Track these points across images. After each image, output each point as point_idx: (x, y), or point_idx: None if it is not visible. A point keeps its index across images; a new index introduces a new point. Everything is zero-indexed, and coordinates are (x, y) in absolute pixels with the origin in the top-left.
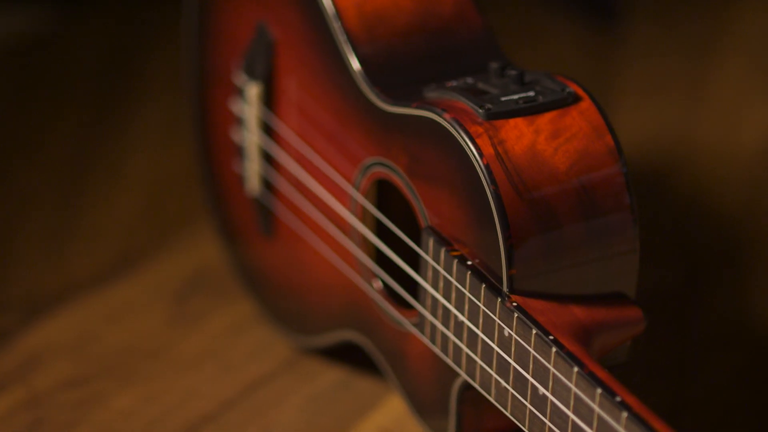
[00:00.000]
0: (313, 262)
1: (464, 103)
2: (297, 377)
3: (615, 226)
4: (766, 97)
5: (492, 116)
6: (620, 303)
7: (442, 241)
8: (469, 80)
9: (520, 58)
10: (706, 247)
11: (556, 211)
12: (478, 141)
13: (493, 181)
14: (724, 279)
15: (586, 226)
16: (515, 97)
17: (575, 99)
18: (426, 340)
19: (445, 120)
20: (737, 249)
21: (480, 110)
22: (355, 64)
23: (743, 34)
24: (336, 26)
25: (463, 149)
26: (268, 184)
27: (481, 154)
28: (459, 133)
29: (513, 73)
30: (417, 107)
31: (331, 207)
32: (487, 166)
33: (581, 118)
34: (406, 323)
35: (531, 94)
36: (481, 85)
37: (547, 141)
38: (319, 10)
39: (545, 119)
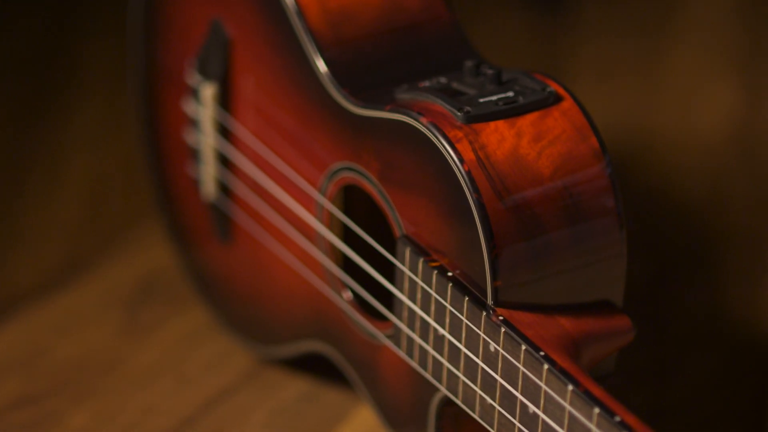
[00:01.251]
0: (275, 269)
1: (441, 106)
2: (259, 390)
3: (601, 230)
4: (724, 78)
5: (471, 119)
6: (608, 312)
7: (420, 250)
8: (443, 80)
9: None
10: (673, 244)
11: (541, 218)
12: (458, 146)
13: (475, 188)
14: (695, 277)
15: (571, 232)
16: (494, 98)
17: (557, 99)
18: (402, 354)
19: (422, 124)
20: (706, 244)
21: (458, 113)
22: (321, 65)
23: (698, 12)
24: (298, 24)
25: (442, 155)
26: (225, 189)
27: (461, 161)
28: (437, 138)
29: (490, 72)
30: (391, 110)
31: (294, 213)
32: (468, 173)
33: (564, 119)
34: (380, 336)
35: (510, 94)
36: (455, 85)
37: (529, 144)
38: (279, 6)
39: (527, 121)
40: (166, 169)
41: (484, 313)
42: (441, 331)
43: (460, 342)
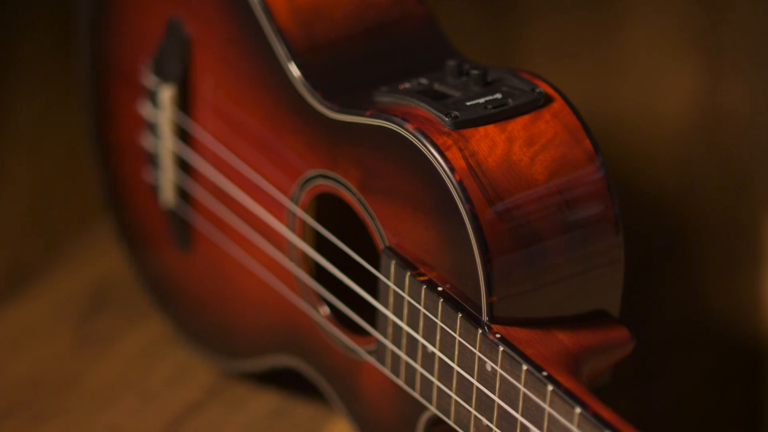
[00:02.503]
0: (240, 279)
1: (426, 110)
2: (226, 406)
3: (598, 237)
4: (683, 57)
5: (460, 125)
6: (605, 324)
7: (406, 264)
8: (423, 81)
9: None
10: (643, 239)
11: (536, 227)
12: (447, 154)
13: (467, 198)
14: (670, 272)
15: (568, 240)
16: (481, 101)
17: (547, 100)
18: (387, 372)
19: (408, 131)
20: (679, 237)
21: (446, 118)
22: (292, 67)
23: None
24: (266, 23)
25: (430, 164)
26: (184, 195)
27: (452, 170)
28: (425, 146)
29: (475, 72)
30: (372, 116)
31: (262, 221)
32: (460, 183)
33: (556, 121)
34: (360, 351)
35: (498, 96)
36: (438, 87)
37: (522, 150)
38: (244, 4)
39: (518, 125)
40: (117, 173)
41: (480, 331)
42: (431, 348)
43: (452, 360)
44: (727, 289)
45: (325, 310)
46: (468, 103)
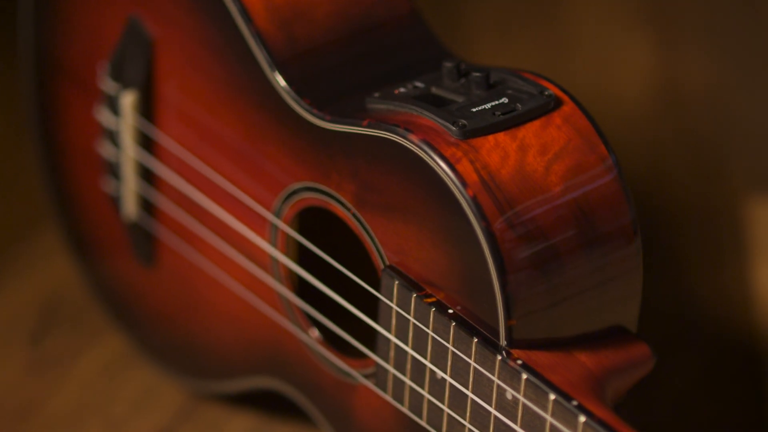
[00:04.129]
0: (213, 296)
1: (429, 119)
2: (201, 430)
3: (616, 246)
4: (634, 30)
5: (468, 134)
6: (625, 341)
7: (411, 284)
8: (419, 84)
9: None
10: None
11: (554, 243)
12: (458, 167)
13: (482, 215)
14: (654, 266)
15: (586, 253)
16: (488, 106)
17: (556, 103)
18: (388, 397)
19: (412, 143)
20: (653, 226)
21: (453, 128)
22: (275, 72)
23: None
24: (243, 25)
25: (438, 178)
26: (148, 207)
27: (464, 184)
28: (433, 159)
29: (477, 75)
30: (370, 126)
31: (239, 235)
32: (474, 199)
33: (568, 126)
34: (356, 375)
35: (505, 101)
36: (436, 91)
37: (535, 160)
38: (216, 3)
39: (529, 132)
40: (66, 179)
41: (499, 357)
42: (440, 374)
43: (466, 387)
44: (714, 280)
45: (314, 331)
46: (474, 110)
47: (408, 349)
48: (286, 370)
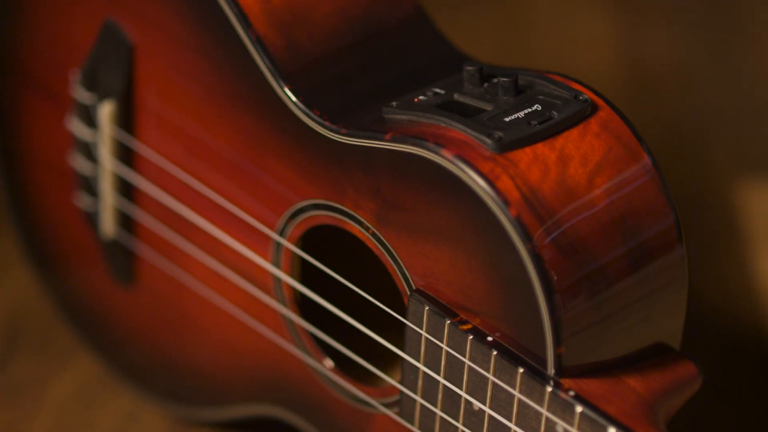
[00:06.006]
0: (202, 318)
1: (459, 131)
2: None
3: (662, 257)
4: (597, 9)
5: (505, 147)
6: (670, 360)
7: (443, 310)
8: (439, 91)
9: None
10: None
11: (601, 261)
12: (498, 185)
13: (527, 237)
14: None
15: (633, 269)
16: (521, 115)
17: (593, 108)
18: (414, 429)
19: (446, 158)
20: None
21: (488, 140)
22: (279, 81)
23: None
24: (240, 29)
25: (476, 196)
26: (127, 224)
27: (506, 203)
28: (469, 176)
29: (505, 80)
30: (394, 139)
31: (235, 255)
32: (518, 219)
33: (607, 133)
34: (375, 404)
35: (538, 108)
36: (459, 97)
37: (577, 171)
38: (209, 4)
39: (568, 142)
40: (32, 195)
41: (549, 388)
42: (478, 405)
43: (508, 420)
44: (712, 275)
45: (328, 361)
46: (507, 119)
47: (440, 378)
48: (290, 398)
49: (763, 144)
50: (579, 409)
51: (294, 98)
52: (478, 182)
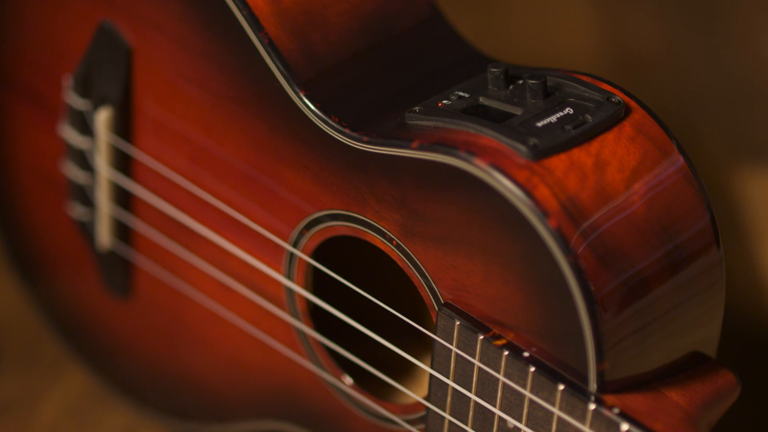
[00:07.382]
0: (206, 330)
1: (491, 137)
2: None
3: (700, 260)
4: None
5: (541, 155)
6: (709, 370)
7: (476, 325)
8: (463, 94)
9: None
10: None
11: (643, 272)
12: (536, 195)
13: (568, 249)
14: None
15: (673, 276)
16: (553, 119)
17: (626, 110)
18: None
19: (479, 167)
20: None
21: (522, 148)
22: (296, 88)
23: None
24: (252, 33)
25: (512, 207)
26: (125, 234)
27: (545, 214)
28: (506, 187)
29: (533, 82)
30: (422, 147)
31: (243, 266)
32: (558, 230)
33: (642, 136)
34: (400, 422)
35: (570, 111)
36: (484, 101)
37: (614, 178)
38: (215, 6)
39: (603, 147)
40: (18, 204)
41: (592, 406)
42: (513, 423)
43: None
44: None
45: (347, 377)
46: (539, 124)
47: (471, 395)
48: (301, 414)
49: (755, 129)
50: (625, 427)
51: (312, 106)
52: (515, 192)
